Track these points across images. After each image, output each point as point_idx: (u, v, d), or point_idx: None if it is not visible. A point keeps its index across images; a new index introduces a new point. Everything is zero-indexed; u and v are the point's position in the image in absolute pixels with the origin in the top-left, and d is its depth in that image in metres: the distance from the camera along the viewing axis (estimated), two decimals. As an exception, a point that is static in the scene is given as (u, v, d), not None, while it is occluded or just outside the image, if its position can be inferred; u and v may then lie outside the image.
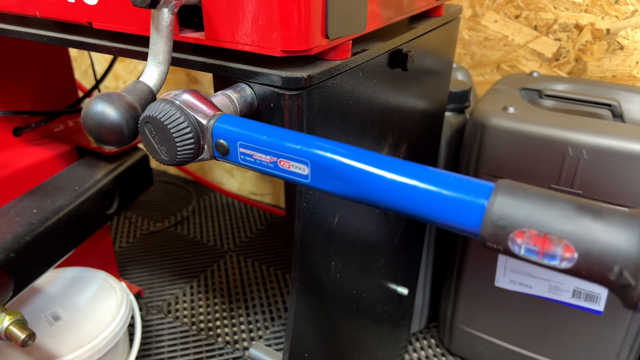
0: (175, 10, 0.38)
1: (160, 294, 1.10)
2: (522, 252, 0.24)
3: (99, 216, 0.77)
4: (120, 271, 1.15)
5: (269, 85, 0.40)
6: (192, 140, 0.34)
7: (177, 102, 0.34)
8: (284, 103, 0.39)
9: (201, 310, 1.06)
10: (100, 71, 1.58)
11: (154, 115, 0.34)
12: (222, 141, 0.33)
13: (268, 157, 0.31)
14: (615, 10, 0.85)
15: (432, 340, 1.00)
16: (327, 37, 0.39)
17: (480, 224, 0.25)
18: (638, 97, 0.81)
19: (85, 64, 1.63)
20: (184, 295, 1.10)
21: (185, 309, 1.07)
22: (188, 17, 0.43)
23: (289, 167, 0.31)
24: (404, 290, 0.77)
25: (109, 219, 0.80)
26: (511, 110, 0.74)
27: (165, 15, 0.38)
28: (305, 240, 0.46)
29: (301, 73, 0.39)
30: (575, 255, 0.23)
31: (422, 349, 0.98)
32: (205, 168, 1.53)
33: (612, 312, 0.75)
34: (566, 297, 0.77)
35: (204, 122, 0.34)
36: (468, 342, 0.92)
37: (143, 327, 1.01)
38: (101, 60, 1.58)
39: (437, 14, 0.61)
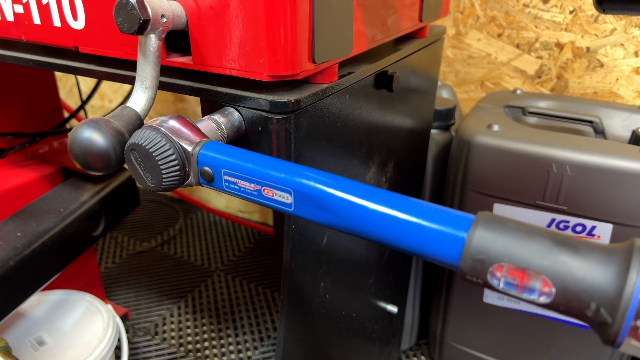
0: (163, 36, 0.39)
1: (147, 315, 1.09)
2: (501, 286, 0.25)
3: (85, 238, 0.76)
4: (106, 292, 1.14)
5: (256, 109, 0.40)
6: (177, 168, 0.34)
7: (163, 129, 0.34)
8: (271, 127, 0.40)
9: (189, 331, 1.05)
10: (85, 90, 1.57)
11: (140, 143, 0.33)
12: (207, 168, 0.33)
13: (252, 185, 0.31)
14: (594, 29, 0.87)
15: (423, 357, 1.00)
16: (313, 61, 0.40)
17: (460, 257, 0.25)
18: (618, 113, 0.82)
19: (70, 83, 1.62)
20: (172, 316, 1.09)
21: (172, 330, 1.05)
22: (176, 42, 0.43)
23: (272, 196, 0.31)
24: (393, 309, 0.77)
25: (95, 241, 0.79)
26: (496, 127, 0.75)
27: (152, 41, 0.38)
28: (294, 262, 0.46)
29: (289, 97, 0.39)
30: (553, 290, 0.23)
31: (412, 366, 0.98)
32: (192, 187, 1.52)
33: (599, 327, 0.75)
34: (554, 313, 0.77)
35: (190, 149, 0.34)
36: (458, 358, 0.92)
37: (130, 349, 0.99)
38: (87, 80, 1.58)
39: (422, 35, 0.61)
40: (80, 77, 1.54)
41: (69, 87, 1.62)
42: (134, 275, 1.21)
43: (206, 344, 1.02)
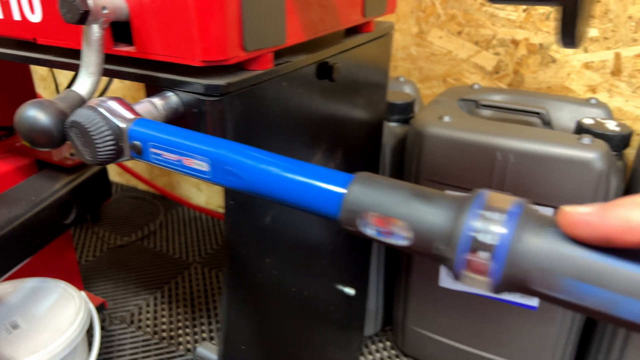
0: (105, 26, 0.42)
1: (124, 305, 1.12)
2: (372, 233, 0.28)
3: (55, 226, 0.80)
4: (85, 284, 1.17)
5: (192, 92, 0.44)
6: (111, 143, 0.37)
7: (100, 108, 0.38)
8: (205, 108, 0.43)
9: (164, 319, 1.09)
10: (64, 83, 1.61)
11: (78, 120, 0.37)
12: (136, 142, 0.37)
13: (174, 155, 0.35)
14: (546, 26, 0.92)
15: (388, 343, 1.03)
16: (245, 49, 0.44)
17: (339, 209, 0.29)
18: (567, 105, 0.86)
19: (55, 84, 1.66)
20: (148, 305, 1.12)
21: (148, 318, 1.09)
22: (123, 32, 0.47)
23: (192, 165, 0.35)
24: (351, 291, 0.80)
25: (66, 229, 0.82)
26: (446, 119, 0.79)
27: (94, 31, 0.42)
28: (234, 236, 0.50)
29: (221, 81, 0.43)
30: (411, 234, 0.27)
31: (377, 351, 1.01)
32: (174, 183, 1.56)
33: (546, 307, 0.79)
34: (503, 294, 0.81)
35: (123, 125, 0.38)
36: (419, 342, 0.96)
37: (106, 337, 1.03)
38: (65, 73, 1.61)
39: (367, 30, 0.65)
40: (57, 71, 1.58)
41: (54, 88, 1.66)
42: (113, 268, 1.24)
43: (180, 331, 1.05)
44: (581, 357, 0.87)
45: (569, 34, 0.30)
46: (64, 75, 1.58)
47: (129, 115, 0.39)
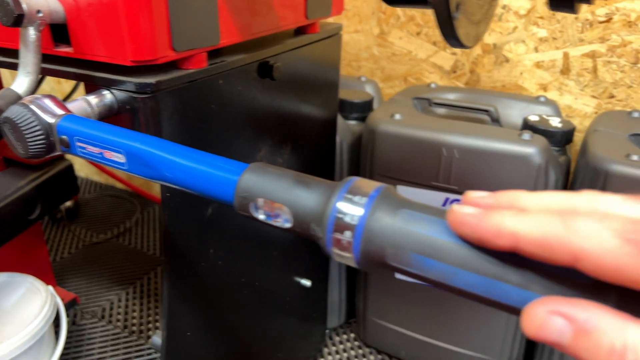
0: (41, 28, 0.45)
1: (96, 300, 1.15)
2: (262, 217, 0.31)
3: (20, 221, 0.82)
4: (58, 280, 1.20)
5: (125, 90, 0.47)
6: (41, 138, 0.40)
7: (31, 105, 0.41)
8: (137, 105, 0.46)
9: (135, 314, 1.11)
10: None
11: (10, 116, 0.40)
12: (64, 137, 0.40)
13: (96, 148, 0.38)
14: (499, 27, 0.95)
15: (352, 335, 1.06)
16: (174, 49, 0.46)
17: (233, 195, 0.32)
18: (517, 103, 0.90)
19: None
20: (120, 301, 1.15)
21: (119, 313, 1.11)
22: (62, 34, 0.50)
23: (111, 157, 0.38)
24: (307, 283, 0.83)
25: (31, 224, 0.85)
26: (397, 116, 0.82)
27: (30, 33, 0.44)
28: (173, 227, 0.53)
29: (152, 79, 0.46)
30: (291, 217, 0.30)
31: (340, 342, 1.04)
32: (150, 182, 1.58)
33: (494, 297, 0.82)
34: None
35: (52, 121, 0.40)
36: (379, 333, 0.99)
37: (76, 331, 1.05)
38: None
39: (312, 31, 0.68)
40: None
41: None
42: (87, 265, 1.27)
43: (150, 325, 1.08)
44: (532, 345, 0.91)
45: (450, 35, 0.33)
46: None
47: (59, 111, 0.42)
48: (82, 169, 1.69)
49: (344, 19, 1.08)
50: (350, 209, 0.28)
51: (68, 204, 1.45)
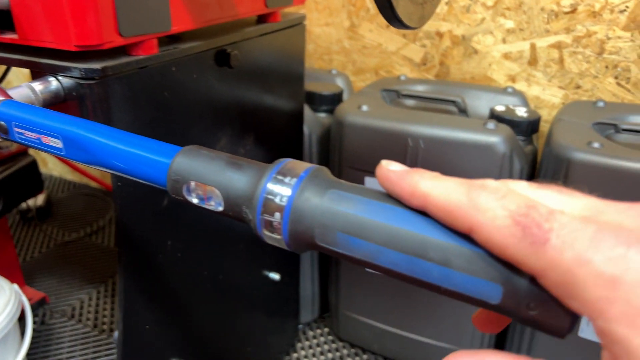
0: (-18, 13, 0.44)
1: (66, 299, 1.13)
2: (196, 201, 0.31)
3: (-19, 217, 0.81)
4: (29, 279, 1.17)
5: (71, 77, 0.45)
6: None
7: (-31, 91, 0.39)
8: (83, 92, 0.45)
9: (106, 312, 1.10)
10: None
11: (-52, 104, 0.39)
12: (2, 123, 0.39)
13: (34, 134, 0.37)
14: (467, 19, 0.95)
15: (325, 329, 1.06)
16: (120, 34, 0.45)
17: (165, 179, 0.31)
18: (485, 94, 0.90)
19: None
20: (90, 299, 1.13)
21: (89, 312, 1.10)
22: (7, 20, 0.49)
23: (49, 142, 0.37)
24: (275, 276, 0.82)
25: (-7, 220, 0.83)
26: (364, 108, 0.81)
27: (-30, 17, 0.43)
28: (126, 218, 0.52)
29: (98, 65, 0.45)
30: (223, 199, 0.29)
31: (314, 337, 1.04)
32: (126, 180, 1.56)
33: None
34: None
35: None
36: (352, 327, 0.98)
37: (45, 330, 1.03)
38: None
39: (274, 20, 0.68)
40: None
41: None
42: (59, 264, 1.25)
43: (121, 323, 1.06)
44: (503, 334, 0.91)
45: (391, 16, 0.33)
46: None
47: (-2, 97, 0.40)
48: (56, 167, 1.66)
49: (314, 11, 1.08)
50: (280, 190, 0.27)
51: (39, 202, 1.42)
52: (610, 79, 0.88)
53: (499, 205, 0.20)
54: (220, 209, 0.30)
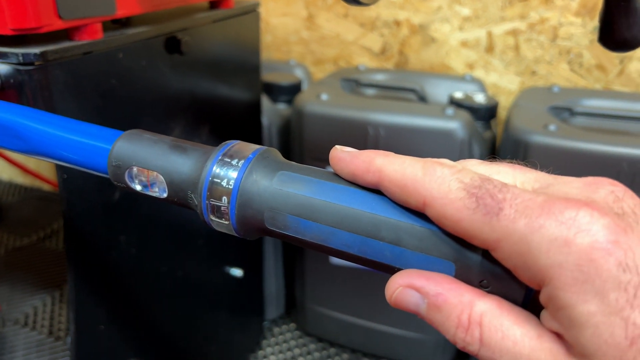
0: None
1: (19, 306, 1.08)
2: (139, 188, 0.29)
3: None
4: (-22, 288, 1.12)
5: (9, 62, 0.42)
6: None
7: None
8: (22, 78, 0.42)
9: (62, 318, 1.05)
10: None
11: None
12: None
13: (-37, 123, 0.34)
14: (424, 7, 0.95)
15: (292, 325, 1.04)
16: (60, 17, 0.43)
17: (106, 165, 0.29)
18: (444, 82, 0.90)
19: None
20: (45, 305, 1.08)
21: (44, 319, 1.05)
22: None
23: (-21, 130, 0.34)
24: (238, 272, 0.80)
25: None
26: (323, 97, 0.80)
27: None
28: (74, 212, 0.49)
29: (37, 50, 0.42)
30: (166, 185, 0.28)
31: (280, 333, 1.02)
32: (81, 181, 1.51)
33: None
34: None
35: None
36: (319, 321, 0.97)
37: (-4, 340, 0.98)
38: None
39: (226, 6, 0.66)
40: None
41: None
42: (10, 270, 1.19)
43: (78, 329, 1.02)
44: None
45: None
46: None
47: None
48: (5, 171, 1.59)
49: (271, 1, 1.06)
50: (227, 173, 0.26)
51: (-12, 207, 1.35)
52: (564, 64, 0.89)
53: (453, 179, 0.20)
54: (165, 195, 0.28)
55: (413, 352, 0.90)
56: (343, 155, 0.24)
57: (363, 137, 0.77)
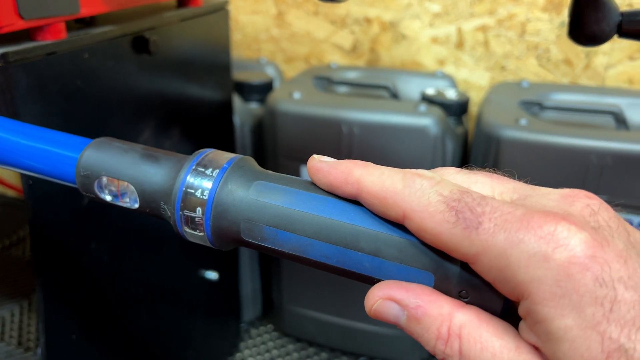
0: None
1: (-15, 318, 1.04)
2: (109, 198, 0.27)
3: None
4: (-60, 300, 1.07)
5: (-34, 65, 0.40)
6: None
7: None
8: (-20, 81, 0.40)
9: (31, 328, 1.02)
10: None
11: None
12: None
13: None
14: (394, 4, 0.95)
15: (270, 326, 1.04)
16: (21, 17, 0.41)
17: (74, 175, 0.28)
18: (415, 79, 0.91)
19: None
20: (13, 316, 1.05)
21: (12, 329, 1.01)
22: None
23: None
24: (213, 275, 0.79)
25: None
26: (296, 95, 0.79)
27: None
28: (41, 219, 0.47)
29: (-4, 51, 0.40)
30: (137, 196, 0.26)
31: (258, 335, 1.01)
32: (47, 186, 1.46)
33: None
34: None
35: None
36: (297, 321, 0.96)
37: (-39, 354, 0.95)
38: None
39: (194, 4, 0.64)
40: None
41: None
42: (-25, 280, 1.15)
43: (48, 339, 0.99)
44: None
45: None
46: None
47: None
48: (-33, 177, 1.53)
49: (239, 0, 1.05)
50: (201, 183, 0.25)
51: (-51, 216, 1.30)
52: (532, 59, 0.91)
53: (433, 191, 0.20)
54: (136, 206, 0.27)
55: (391, 349, 0.90)
56: (321, 166, 0.24)
57: (337, 135, 0.76)
